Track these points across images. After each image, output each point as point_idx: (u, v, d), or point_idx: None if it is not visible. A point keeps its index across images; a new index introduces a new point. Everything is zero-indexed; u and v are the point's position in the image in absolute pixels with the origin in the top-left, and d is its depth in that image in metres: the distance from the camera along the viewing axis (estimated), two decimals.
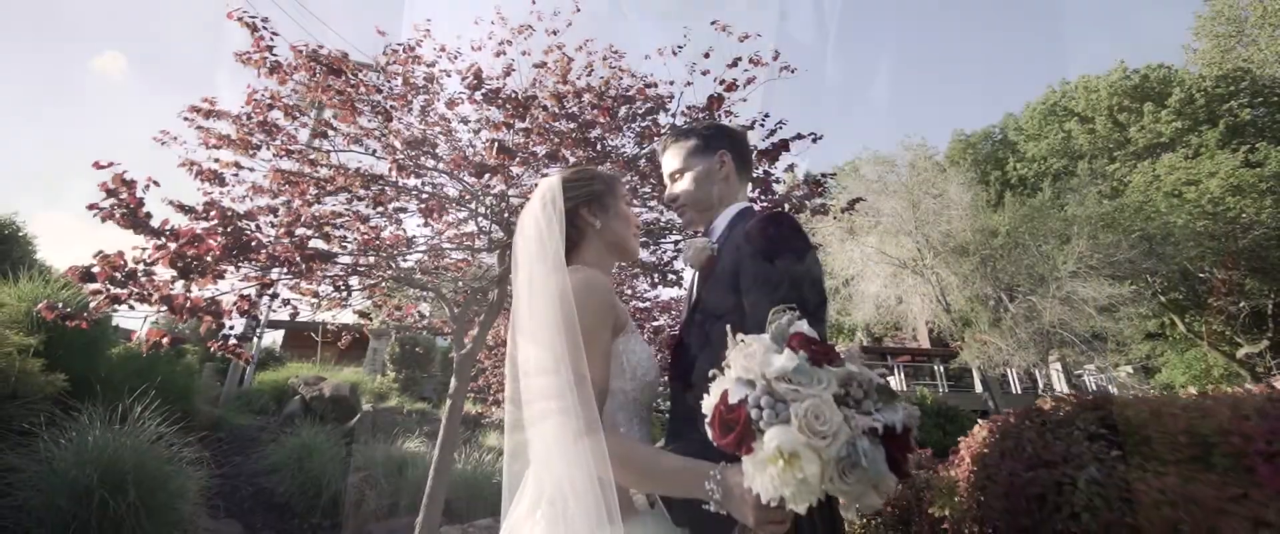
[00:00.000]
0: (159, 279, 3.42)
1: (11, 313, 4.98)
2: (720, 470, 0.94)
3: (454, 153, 3.53)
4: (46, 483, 3.51)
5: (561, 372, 1.07)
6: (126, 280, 3.43)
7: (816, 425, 0.80)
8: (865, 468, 0.80)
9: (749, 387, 0.86)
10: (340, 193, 3.97)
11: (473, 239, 4.69)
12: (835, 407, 0.82)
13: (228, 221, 3.02)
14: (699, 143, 1.37)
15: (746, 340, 0.91)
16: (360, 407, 8.18)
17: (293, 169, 3.91)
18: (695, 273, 1.34)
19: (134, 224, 3.34)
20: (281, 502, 5.54)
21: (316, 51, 3.38)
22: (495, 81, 3.98)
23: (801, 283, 1.05)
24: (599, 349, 1.13)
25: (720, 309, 1.13)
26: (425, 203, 4.16)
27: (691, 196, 1.36)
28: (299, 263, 3.12)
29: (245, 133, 3.91)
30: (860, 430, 0.81)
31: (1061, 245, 15.44)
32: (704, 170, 1.35)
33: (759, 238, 1.13)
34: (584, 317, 1.11)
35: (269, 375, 9.42)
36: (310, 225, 3.46)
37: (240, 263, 3.11)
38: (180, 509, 3.92)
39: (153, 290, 3.36)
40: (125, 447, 3.73)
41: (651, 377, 1.22)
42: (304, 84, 3.73)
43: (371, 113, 3.79)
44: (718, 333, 0.99)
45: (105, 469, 3.57)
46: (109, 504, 3.49)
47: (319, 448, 5.93)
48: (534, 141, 3.63)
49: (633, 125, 3.97)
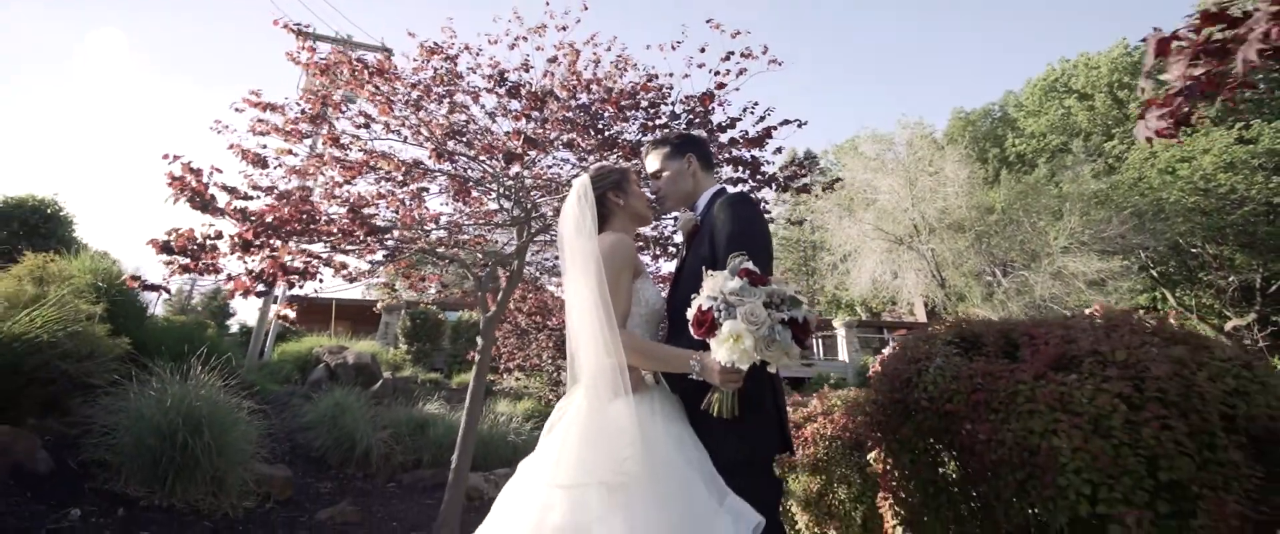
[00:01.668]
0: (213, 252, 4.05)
1: (76, 285, 5.60)
2: (697, 354, 1.55)
3: (484, 141, 4.10)
4: (136, 426, 4.16)
5: (594, 304, 1.67)
6: (198, 252, 4.05)
7: (752, 319, 1.41)
8: (780, 342, 1.41)
9: (713, 299, 1.47)
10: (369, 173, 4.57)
11: (491, 216, 5.28)
12: (763, 308, 1.42)
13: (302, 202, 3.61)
14: (671, 149, 1.97)
15: (713, 273, 1.52)
16: (381, 374, 8.85)
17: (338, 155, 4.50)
18: (685, 236, 1.95)
19: (202, 205, 3.95)
20: (318, 455, 6.21)
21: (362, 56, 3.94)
22: (514, 74, 4.54)
23: (750, 239, 1.65)
24: (622, 288, 1.73)
25: (700, 258, 1.73)
26: (453, 184, 4.75)
27: (670, 190, 1.96)
28: (361, 237, 3.72)
29: (292, 123, 4.49)
30: (777, 321, 1.42)
31: (1054, 221, 16.00)
32: (676, 170, 1.95)
33: (725, 211, 1.73)
34: (609, 267, 1.71)
35: (291, 347, 10.07)
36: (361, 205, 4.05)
37: (309, 237, 3.71)
38: (244, 451, 4.58)
39: (211, 263, 3.99)
40: (200, 397, 4.38)
41: (658, 306, 1.82)
42: (345, 80, 4.31)
43: (403, 105, 4.36)
44: (696, 274, 1.60)
45: (185, 415, 4.21)
46: (188, 444, 4.15)
47: (350, 407, 6.59)
48: (551, 130, 4.20)
49: (636, 114, 4.53)
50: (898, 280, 17.15)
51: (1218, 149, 16.66)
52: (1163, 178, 17.14)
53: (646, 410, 1.59)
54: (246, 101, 4.65)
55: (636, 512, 1.37)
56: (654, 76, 4.59)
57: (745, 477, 1.53)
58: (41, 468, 4.01)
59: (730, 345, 1.42)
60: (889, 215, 17.31)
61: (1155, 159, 18.16)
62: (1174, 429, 1.37)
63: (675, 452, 1.52)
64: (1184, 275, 18.16)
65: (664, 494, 1.41)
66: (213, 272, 4.27)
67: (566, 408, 1.72)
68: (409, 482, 6.17)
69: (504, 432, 7.66)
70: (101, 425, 4.22)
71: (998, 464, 1.50)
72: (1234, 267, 17.20)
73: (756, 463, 1.59)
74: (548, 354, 8.97)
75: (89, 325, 5.17)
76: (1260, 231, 16.32)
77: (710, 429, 1.58)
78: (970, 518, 1.66)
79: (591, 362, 1.65)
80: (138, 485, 4.09)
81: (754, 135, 4.44)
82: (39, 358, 4.59)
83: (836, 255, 18.46)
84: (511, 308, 8.16)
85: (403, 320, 12.37)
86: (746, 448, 1.59)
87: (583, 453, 1.50)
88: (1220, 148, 16.65)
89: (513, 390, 9.96)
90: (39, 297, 5.11)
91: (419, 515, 5.01)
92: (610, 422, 1.55)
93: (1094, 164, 17.84)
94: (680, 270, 1.91)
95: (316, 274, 3.80)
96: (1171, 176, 17.09)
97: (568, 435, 1.57)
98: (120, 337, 5.48)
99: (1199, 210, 16.54)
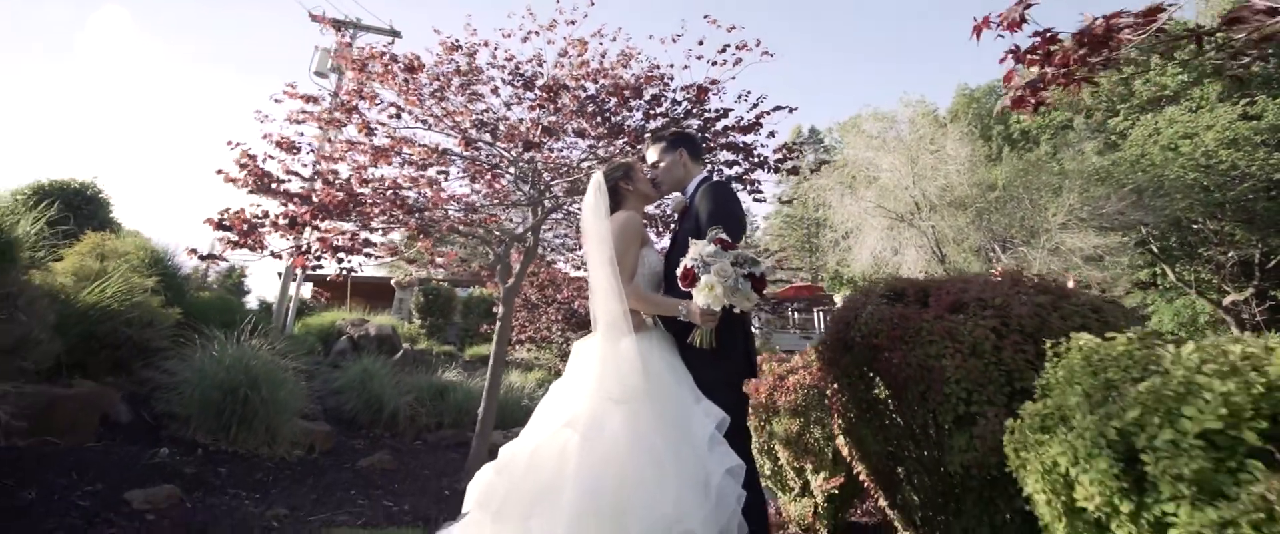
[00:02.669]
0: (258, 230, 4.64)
1: (131, 261, 6.21)
2: (684, 302, 2.12)
3: (505, 129, 4.64)
4: (201, 382, 4.79)
5: (607, 268, 2.23)
6: (248, 230, 4.64)
7: (722, 273, 1.97)
8: (742, 290, 1.97)
9: (695, 261, 2.03)
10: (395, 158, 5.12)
11: (508, 195, 5.83)
12: (731, 266, 1.98)
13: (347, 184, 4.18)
14: (667, 144, 2.51)
15: (695, 242, 2.08)
16: (402, 345, 9.50)
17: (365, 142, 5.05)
18: (677, 214, 2.51)
19: (261, 188, 4.53)
20: (350, 416, 6.85)
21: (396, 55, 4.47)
22: (527, 66, 5.06)
23: (725, 216, 2.20)
24: (630, 255, 2.29)
25: (687, 231, 2.29)
26: (472, 167, 5.29)
27: (665, 177, 2.51)
28: (399, 217, 4.29)
29: (329, 112, 5.04)
30: (740, 275, 1.98)
31: (1054, 198, 16.40)
32: (671, 161, 2.49)
33: (706, 195, 2.28)
34: (620, 240, 2.27)
35: (313, 320, 10.73)
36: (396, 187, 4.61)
37: (353, 218, 4.28)
38: (293, 406, 5.22)
39: (258, 240, 4.57)
40: (256, 358, 5.00)
41: (658, 268, 2.39)
42: (377, 74, 4.84)
43: (429, 97, 4.89)
44: (685, 243, 2.15)
45: (244, 373, 4.84)
46: (248, 398, 4.78)
47: (377, 374, 7.23)
48: (563, 119, 4.73)
49: (640, 102, 5.05)
50: (898, 256, 17.64)
51: (1221, 126, 16.91)
52: (1165, 154, 17.42)
53: (646, 344, 2.16)
54: (287, 93, 5.21)
55: (638, 410, 1.94)
56: (657, 67, 5.10)
57: (720, 392, 2.10)
58: (123, 418, 4.65)
59: (706, 293, 1.98)
60: (890, 193, 17.75)
61: (1158, 136, 18.42)
62: (1027, 352, 1.93)
63: (667, 373, 2.10)
64: (1184, 251, 18.53)
65: (658, 400, 1.99)
66: (259, 247, 4.87)
67: (588, 343, 2.29)
68: (433, 440, 6.82)
69: (518, 398, 8.32)
70: (166, 383, 4.85)
71: (907, 381, 2.07)
72: (1234, 242, 17.56)
73: (728, 383, 2.16)
74: (557, 327, 9.58)
75: (147, 297, 5.80)
76: (1259, 207, 16.65)
77: (694, 357, 2.15)
78: (891, 426, 2.24)
79: (605, 309, 2.22)
80: (204, 434, 4.73)
81: (747, 123, 4.96)
82: (109, 325, 5.23)
83: (839, 232, 18.95)
84: (524, 282, 8.75)
85: (416, 296, 13.00)
86: (720, 372, 2.16)
87: (601, 374, 2.08)
88: (1223, 124, 16.90)
89: (524, 362, 10.60)
90: (101, 271, 5.72)
91: (446, 466, 5.64)
92: (620, 352, 2.12)
93: (1095, 141, 18.14)
94: (674, 241, 2.47)
95: (361, 250, 4.37)
96: (1174, 153, 17.36)
97: (589, 362, 2.14)
98: (172, 307, 6.12)
99: (1200, 186, 16.85)
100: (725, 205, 2.24)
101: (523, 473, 1.93)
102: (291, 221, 4.71)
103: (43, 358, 4.56)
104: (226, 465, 4.28)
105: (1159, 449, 1.03)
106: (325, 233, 4.72)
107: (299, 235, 4.81)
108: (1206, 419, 0.98)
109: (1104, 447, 1.12)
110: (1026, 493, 1.36)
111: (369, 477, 4.85)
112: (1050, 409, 1.32)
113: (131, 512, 3.23)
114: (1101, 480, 1.11)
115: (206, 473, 4.02)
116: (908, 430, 2.16)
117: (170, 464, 3.96)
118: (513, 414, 8.06)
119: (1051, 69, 1.71)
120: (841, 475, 3.62)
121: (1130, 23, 1.59)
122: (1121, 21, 1.58)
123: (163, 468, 3.88)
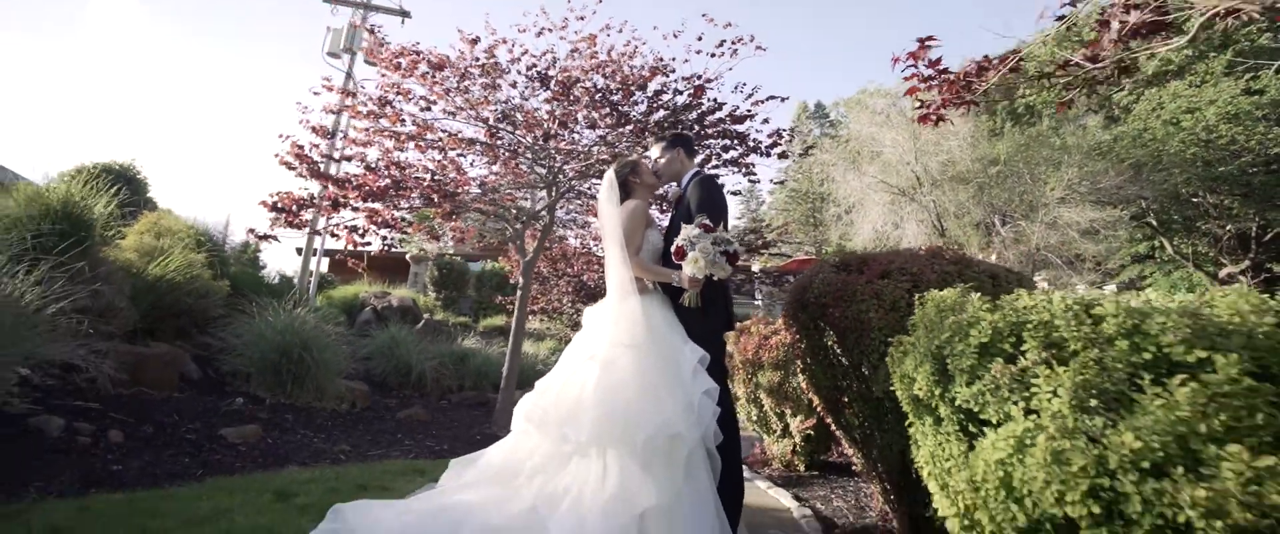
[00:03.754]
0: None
1: (182, 238, 6.96)
2: (677, 272, 2.82)
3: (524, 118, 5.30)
4: (260, 344, 5.56)
5: (618, 245, 2.92)
6: (298, 210, 5.35)
7: (704, 251, 2.66)
8: (719, 263, 2.67)
9: (685, 240, 2.72)
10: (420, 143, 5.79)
11: (524, 177, 6.51)
12: (711, 245, 2.68)
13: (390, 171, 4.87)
14: (667, 143, 3.18)
15: (686, 226, 2.77)
16: (422, 315, 10.28)
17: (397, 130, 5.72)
18: (674, 202, 3.20)
19: (314, 174, 5.22)
20: (380, 378, 7.65)
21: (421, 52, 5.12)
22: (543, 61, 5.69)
23: (710, 204, 2.88)
24: (637, 235, 2.98)
25: (681, 216, 2.97)
26: (492, 154, 5.97)
27: (666, 170, 3.18)
28: (435, 199, 4.99)
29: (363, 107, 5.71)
30: (719, 250, 2.67)
31: (1053, 172, 16.90)
32: (670, 158, 3.16)
33: (696, 188, 2.96)
34: (628, 223, 2.96)
35: (336, 293, 11.51)
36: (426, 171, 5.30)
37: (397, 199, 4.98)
38: (336, 366, 5.99)
39: (302, 219, 5.29)
40: (304, 324, 5.76)
41: (659, 245, 3.08)
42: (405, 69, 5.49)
43: (454, 91, 5.55)
44: (678, 226, 2.85)
45: (296, 337, 5.60)
46: (302, 358, 5.55)
47: (402, 341, 8.00)
48: (576, 110, 5.39)
49: (643, 95, 5.69)
50: (899, 230, 18.24)
51: (1223, 100, 17.28)
52: (1166, 128, 17.83)
53: (648, 303, 2.86)
54: (324, 86, 5.88)
55: (642, 351, 2.66)
56: (661, 60, 5.73)
57: (706, 341, 2.80)
58: (195, 375, 5.44)
59: (693, 265, 2.68)
60: (893, 168, 18.26)
61: (1161, 110, 18.79)
62: None
63: (663, 324, 2.81)
64: (1182, 224, 19.04)
65: (656, 343, 2.70)
66: (301, 226, 5.60)
67: (601, 305, 3.00)
68: (457, 400, 7.62)
69: (532, 364, 9.12)
70: (225, 346, 5.63)
71: (845, 330, 2.77)
72: (1232, 215, 18.05)
73: (711, 332, 2.87)
74: (568, 298, 10.32)
75: (202, 272, 6.56)
76: (1257, 181, 17.11)
77: (684, 313, 2.85)
78: (836, 364, 2.94)
79: (617, 276, 2.92)
80: (264, 389, 5.51)
81: (741, 113, 5.61)
82: (173, 296, 6.00)
83: (842, 207, 19.53)
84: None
85: (430, 270, 13.77)
86: (706, 326, 2.87)
87: (614, 325, 2.78)
88: (1226, 99, 17.26)
89: (536, 332, 11.38)
90: (158, 248, 6.47)
91: (473, 420, 6.43)
92: (628, 310, 2.83)
93: (1099, 116, 18.54)
94: (670, 224, 3.16)
95: (401, 228, 5.08)
96: (1175, 128, 17.76)
97: (604, 316, 2.85)
98: (221, 281, 6.88)
99: (1200, 161, 17.28)
100: (710, 196, 2.92)
101: (556, 398, 2.65)
102: (334, 203, 5.43)
103: (123, 323, 5.35)
104: (290, 414, 5.06)
105: (955, 356, 1.72)
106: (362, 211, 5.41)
107: (337, 214, 5.55)
108: (980, 337, 1.68)
109: (929, 357, 1.82)
110: (895, 392, 2.08)
111: (409, 426, 5.64)
112: (909, 340, 2.03)
113: (227, 444, 4.01)
114: (927, 376, 1.81)
115: (276, 418, 4.81)
116: (847, 368, 2.88)
117: (245, 411, 4.74)
118: (528, 378, 8.84)
119: (943, 95, 2.37)
120: (814, 419, 4.37)
121: (995, 65, 2.25)
122: (988, 64, 2.24)
123: (240, 414, 4.67)
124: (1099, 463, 1.33)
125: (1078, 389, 1.42)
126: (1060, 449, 1.39)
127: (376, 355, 7.91)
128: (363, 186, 4.94)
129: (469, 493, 2.55)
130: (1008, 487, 1.51)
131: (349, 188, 4.97)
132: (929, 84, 2.37)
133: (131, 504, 2.69)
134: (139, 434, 3.76)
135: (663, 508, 2.27)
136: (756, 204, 34.85)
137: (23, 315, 3.49)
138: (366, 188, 4.93)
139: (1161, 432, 1.27)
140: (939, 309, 1.94)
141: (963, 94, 2.31)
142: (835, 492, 3.94)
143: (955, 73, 2.29)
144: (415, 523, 2.37)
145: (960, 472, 1.70)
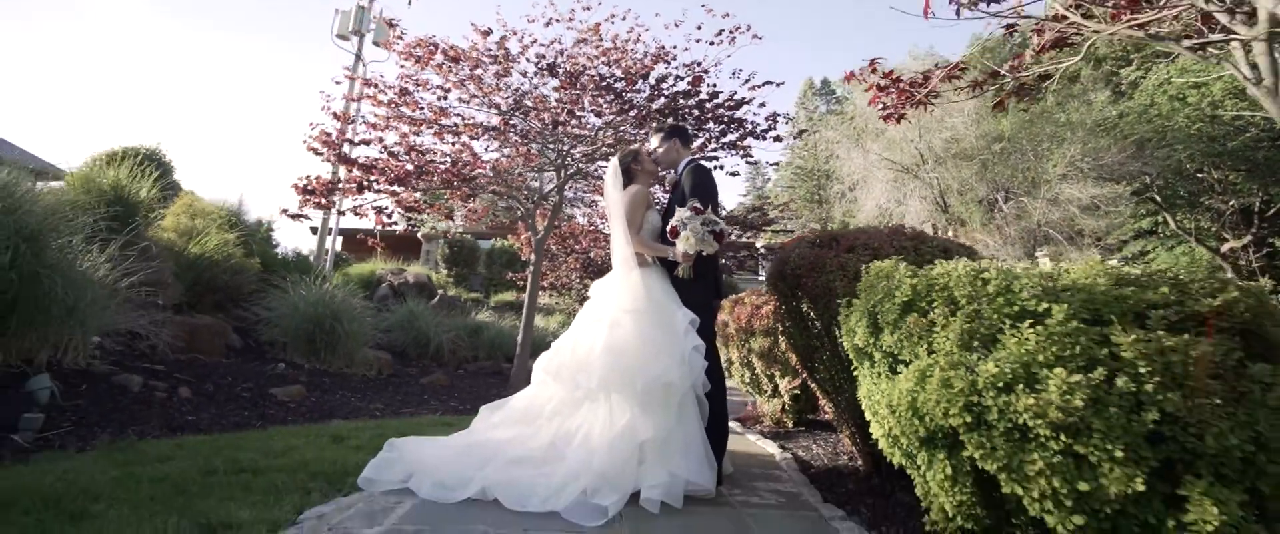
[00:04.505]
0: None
1: (215, 219, 7.50)
2: (672, 248, 3.31)
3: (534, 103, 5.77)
4: (295, 315, 6.12)
5: (622, 224, 3.42)
6: (326, 192, 5.86)
7: (695, 230, 3.15)
8: (706, 241, 3.16)
9: (678, 220, 3.21)
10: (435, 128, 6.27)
11: (534, 159, 6.99)
12: (701, 225, 3.17)
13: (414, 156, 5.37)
14: (665, 134, 3.64)
15: (680, 209, 3.26)
16: (437, 290, 10.84)
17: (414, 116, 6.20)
18: (670, 187, 3.69)
19: (341, 159, 5.71)
20: (400, 349, 8.22)
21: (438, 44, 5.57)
22: (551, 51, 6.13)
23: (701, 189, 3.36)
24: (638, 216, 3.47)
25: (677, 200, 3.46)
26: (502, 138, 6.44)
27: (664, 158, 3.65)
28: (455, 183, 5.48)
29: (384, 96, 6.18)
30: (708, 230, 3.17)
31: (1056, 148, 17.17)
32: (667, 147, 3.62)
33: (689, 174, 3.44)
34: (630, 205, 3.45)
35: (353, 270, 12.09)
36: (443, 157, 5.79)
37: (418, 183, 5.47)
38: (364, 336, 6.56)
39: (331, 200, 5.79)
40: (333, 298, 6.32)
41: (658, 225, 3.56)
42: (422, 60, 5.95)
43: (469, 80, 6.00)
44: (673, 208, 3.33)
45: (327, 308, 6.16)
46: (334, 328, 6.11)
47: (420, 314, 8.57)
48: (582, 96, 5.85)
49: (646, 82, 6.13)
50: (902, 207, 18.60)
51: (1230, 76, 17.40)
52: (1172, 104, 17.99)
53: (648, 275, 3.36)
54: (346, 75, 6.34)
55: (642, 315, 3.17)
56: (662, 47, 6.16)
57: (697, 307, 3.31)
58: (237, 344, 6.01)
59: (685, 242, 3.17)
60: (897, 145, 18.56)
61: (1169, 85, 18.93)
62: None
63: (661, 293, 3.31)
64: (1186, 199, 19.29)
65: (655, 309, 3.21)
66: (328, 206, 6.10)
67: (607, 279, 3.51)
68: (473, 369, 8.20)
69: (542, 336, 9.67)
70: (260, 318, 6.20)
71: (816, 297, 3.26)
72: (1235, 190, 18.28)
73: (701, 300, 3.38)
74: (576, 274, 10.85)
75: (235, 250, 7.11)
76: (1261, 156, 17.32)
77: (679, 283, 3.35)
78: (810, 327, 3.45)
79: (621, 252, 3.42)
80: (299, 357, 6.08)
81: (738, 99, 6.05)
82: (211, 272, 6.56)
83: (846, 184, 19.89)
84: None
85: (441, 248, 14.31)
86: (697, 295, 3.37)
87: (619, 294, 3.29)
88: (1232, 75, 17.37)
89: (545, 307, 11.94)
90: (194, 228, 7.02)
91: (490, 387, 7.00)
92: (631, 282, 3.33)
93: (1105, 91, 18.71)
94: (667, 206, 3.65)
95: (423, 209, 5.59)
96: (1181, 103, 17.92)
97: (610, 287, 3.36)
98: (252, 258, 7.44)
99: (1205, 136, 17.47)
100: (701, 182, 3.40)
101: (570, 353, 3.18)
102: (359, 185, 5.94)
103: (171, 297, 5.91)
104: (326, 378, 5.63)
105: (884, 312, 2.22)
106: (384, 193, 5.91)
107: (360, 196, 6.06)
108: (902, 297, 2.17)
109: (866, 314, 2.32)
110: (843, 343, 2.58)
111: (432, 390, 6.21)
112: (856, 302, 2.52)
113: (277, 402, 4.57)
114: (864, 329, 2.31)
115: (315, 381, 5.38)
116: (819, 330, 3.38)
117: (288, 374, 5.31)
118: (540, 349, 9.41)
119: (897, 99, 2.84)
120: (799, 379, 4.89)
121: (942, 74, 2.71)
122: (935, 73, 2.70)
123: (283, 377, 5.24)
124: (971, 386, 1.84)
125: (963, 334, 1.91)
126: (947, 378, 1.89)
127: (396, 328, 8.48)
128: (387, 171, 5.44)
129: (498, 431, 3.09)
130: (913, 407, 2.02)
131: (375, 172, 5.46)
132: (885, 92, 2.83)
133: (214, 443, 3.25)
134: (203, 391, 4.33)
135: (658, 440, 2.80)
136: (762, 181, 35.15)
137: (103, 290, 4.03)
138: (391, 172, 5.43)
139: (1014, 361, 1.77)
140: (876, 276, 2.44)
141: (914, 95, 2.76)
142: (816, 442, 4.47)
143: (904, 81, 2.74)
144: (453, 456, 2.92)
145: (884, 401, 2.21)
